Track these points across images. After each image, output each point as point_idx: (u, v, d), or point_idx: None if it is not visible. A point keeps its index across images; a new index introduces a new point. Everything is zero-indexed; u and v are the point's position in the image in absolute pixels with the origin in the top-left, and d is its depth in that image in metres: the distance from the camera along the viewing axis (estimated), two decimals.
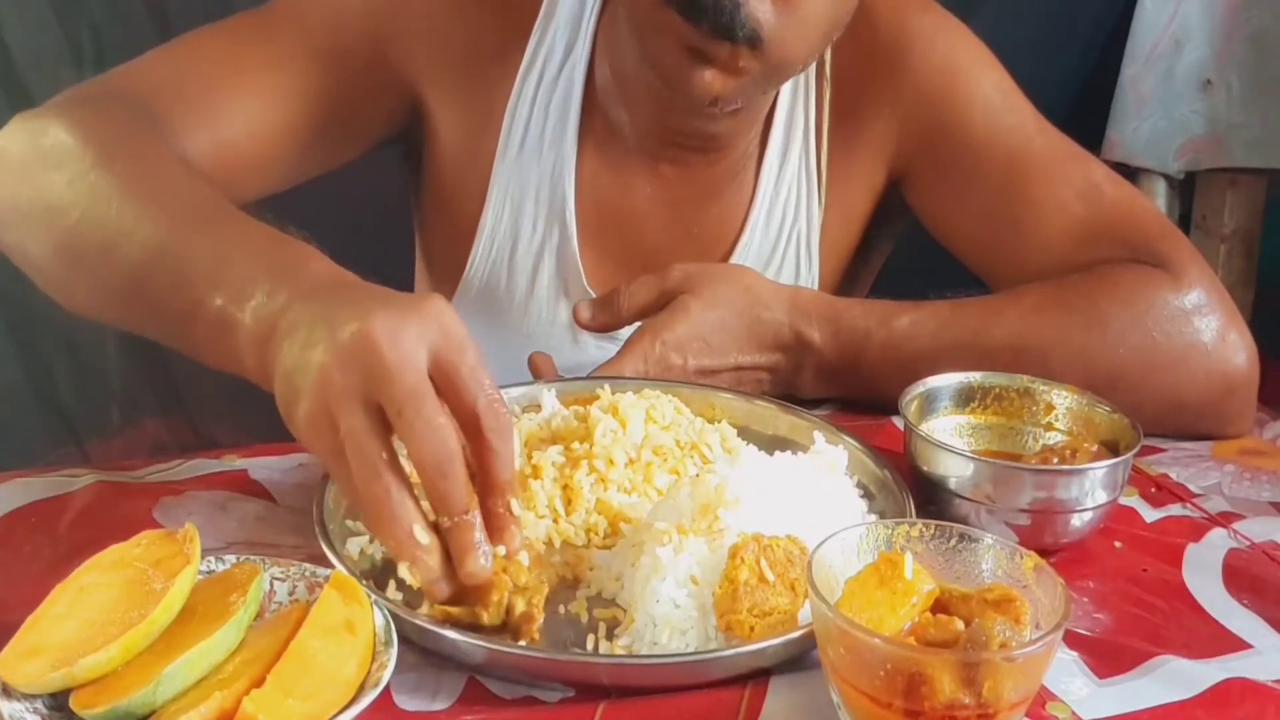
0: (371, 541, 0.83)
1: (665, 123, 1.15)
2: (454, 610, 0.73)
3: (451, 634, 0.71)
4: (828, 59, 1.19)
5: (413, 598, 0.76)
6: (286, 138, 1.12)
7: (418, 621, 0.72)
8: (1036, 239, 1.14)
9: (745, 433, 0.98)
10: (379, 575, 0.80)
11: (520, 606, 0.73)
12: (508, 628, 0.73)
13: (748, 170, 1.22)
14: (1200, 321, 1.06)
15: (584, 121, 1.19)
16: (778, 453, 0.88)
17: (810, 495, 0.82)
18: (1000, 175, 1.16)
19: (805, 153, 1.21)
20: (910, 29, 1.19)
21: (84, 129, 0.96)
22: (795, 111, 1.21)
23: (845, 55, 1.19)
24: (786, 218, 1.22)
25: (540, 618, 0.74)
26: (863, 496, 0.89)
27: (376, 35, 1.14)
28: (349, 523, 0.85)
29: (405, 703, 0.70)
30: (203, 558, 0.71)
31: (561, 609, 0.79)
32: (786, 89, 1.20)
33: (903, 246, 1.33)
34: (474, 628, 0.73)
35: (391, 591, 0.78)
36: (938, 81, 1.18)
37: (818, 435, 0.91)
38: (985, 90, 1.18)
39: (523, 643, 0.73)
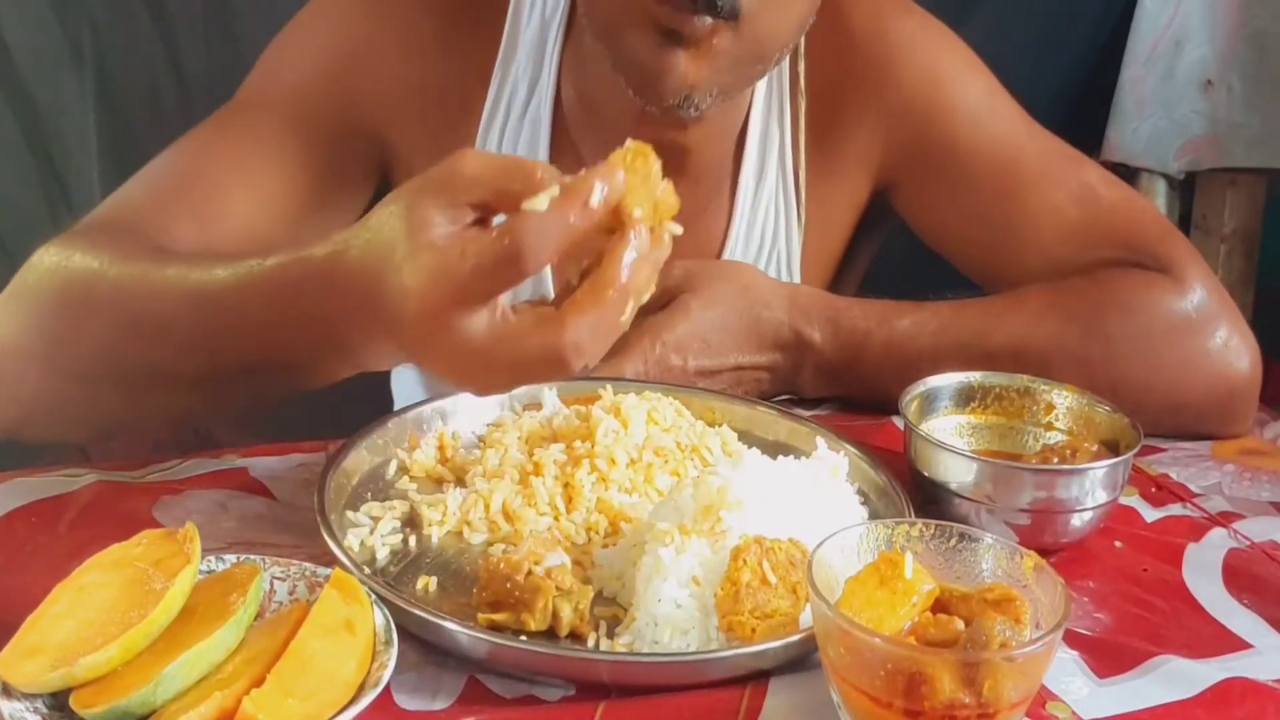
0: (372, 533, 0.84)
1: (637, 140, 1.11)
2: (499, 617, 0.74)
3: (453, 626, 0.72)
4: (801, 70, 1.16)
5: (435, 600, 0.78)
6: (278, 230, 1.07)
7: (419, 614, 0.72)
8: (1033, 247, 1.12)
9: (746, 437, 0.98)
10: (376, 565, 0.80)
11: (566, 611, 0.74)
12: (554, 633, 0.74)
13: (722, 193, 1.19)
14: (1203, 329, 1.06)
15: (554, 157, 1.15)
16: (780, 457, 0.88)
17: (812, 500, 0.82)
18: (990, 184, 1.14)
19: (782, 171, 1.18)
20: (890, 38, 1.15)
21: (82, 251, 0.93)
22: (770, 128, 1.18)
23: (821, 66, 1.16)
24: (765, 238, 1.20)
25: (590, 622, 0.76)
26: (863, 504, 0.89)
27: (342, 102, 1.11)
28: (349, 514, 0.86)
29: (405, 702, 0.70)
30: (203, 557, 0.71)
31: None
32: (759, 103, 1.16)
33: (902, 246, 1.32)
34: (520, 634, 0.73)
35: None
36: (921, 91, 1.15)
37: (820, 441, 0.91)
38: (971, 97, 1.16)
39: (523, 637, 0.73)
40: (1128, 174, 1.74)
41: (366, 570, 0.76)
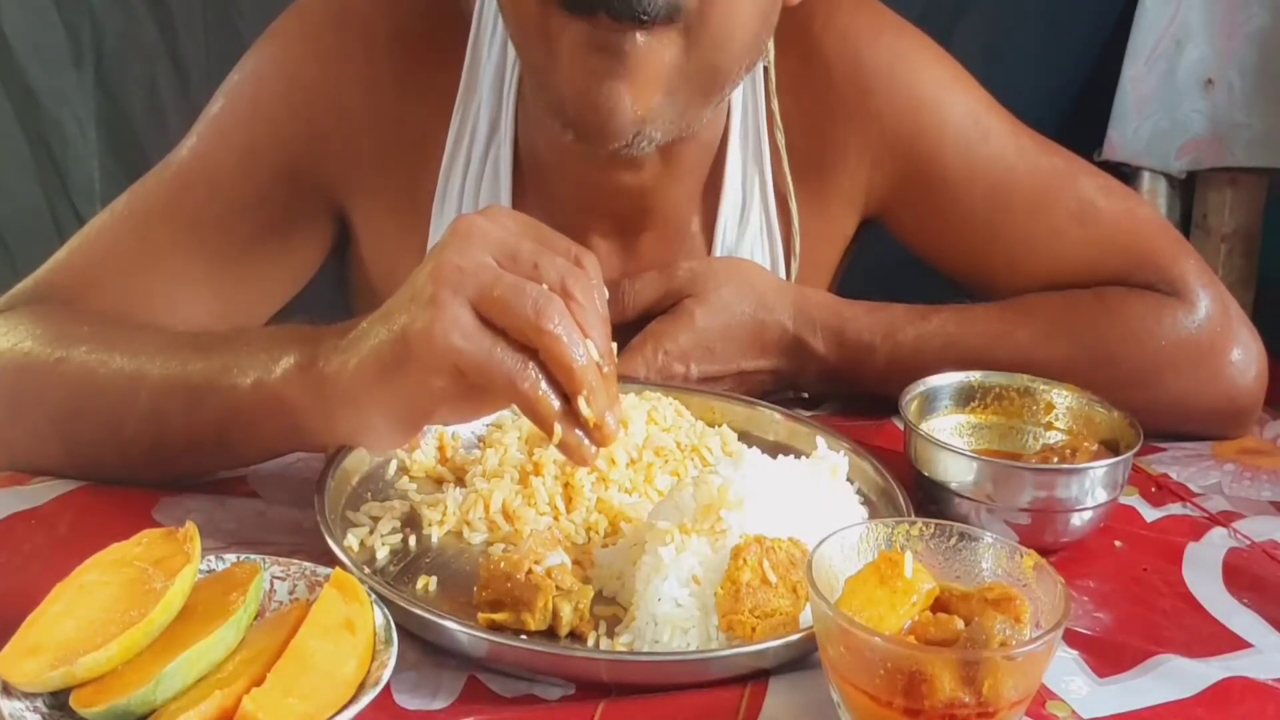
0: (372, 533, 0.84)
1: (593, 186, 1.05)
2: (499, 616, 0.74)
3: (453, 626, 0.72)
4: (776, 107, 1.10)
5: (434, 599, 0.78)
6: (228, 306, 1.06)
7: (419, 613, 0.72)
8: (1034, 275, 1.10)
9: (745, 437, 0.98)
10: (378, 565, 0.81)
11: (566, 610, 0.74)
12: (554, 632, 0.74)
13: (694, 240, 1.12)
14: (1210, 351, 1.06)
15: (517, 200, 1.09)
16: (780, 457, 0.88)
17: (812, 499, 0.82)
18: (985, 213, 1.10)
19: (765, 212, 1.12)
20: (866, 66, 1.09)
21: (41, 323, 0.94)
22: (749, 167, 1.11)
23: (798, 100, 1.10)
24: None
25: (590, 621, 0.76)
26: (863, 504, 0.89)
27: (301, 147, 1.06)
28: (349, 514, 0.86)
29: (405, 701, 0.70)
30: (203, 557, 0.71)
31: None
32: (735, 140, 1.10)
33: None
34: (520, 633, 0.73)
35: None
36: (904, 122, 1.09)
37: (820, 441, 0.91)
38: (956, 121, 1.10)
39: (523, 637, 0.73)
40: (1128, 174, 1.74)
41: (366, 570, 0.76)
